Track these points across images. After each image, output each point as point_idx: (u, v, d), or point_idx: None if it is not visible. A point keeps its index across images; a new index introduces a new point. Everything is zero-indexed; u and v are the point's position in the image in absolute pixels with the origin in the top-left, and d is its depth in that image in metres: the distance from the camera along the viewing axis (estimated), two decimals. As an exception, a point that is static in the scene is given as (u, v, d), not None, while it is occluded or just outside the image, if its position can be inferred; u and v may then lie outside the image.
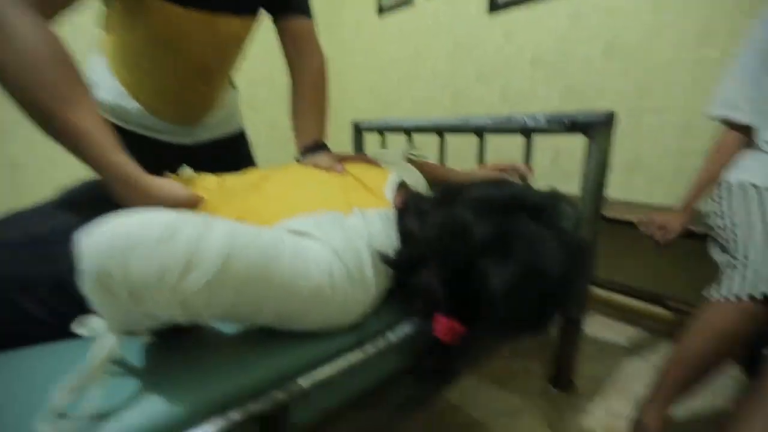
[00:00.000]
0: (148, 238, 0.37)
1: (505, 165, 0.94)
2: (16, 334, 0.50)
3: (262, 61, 2.05)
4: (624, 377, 1.19)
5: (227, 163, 0.88)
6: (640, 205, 1.41)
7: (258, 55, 2.03)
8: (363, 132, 1.63)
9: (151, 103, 0.86)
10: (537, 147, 1.15)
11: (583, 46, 1.52)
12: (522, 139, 1.05)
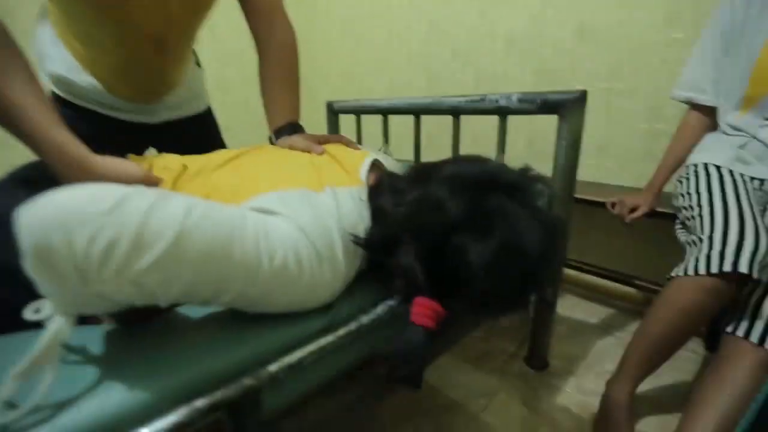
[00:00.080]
0: (95, 210, 0.34)
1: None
2: None
3: (232, 38, 1.97)
4: (596, 356, 1.22)
5: (194, 144, 0.83)
6: (611, 187, 1.43)
7: (227, 32, 1.97)
8: (338, 114, 1.60)
9: (105, 77, 0.81)
10: (513, 129, 1.15)
11: (555, 27, 1.52)
12: (498, 121, 1.04)
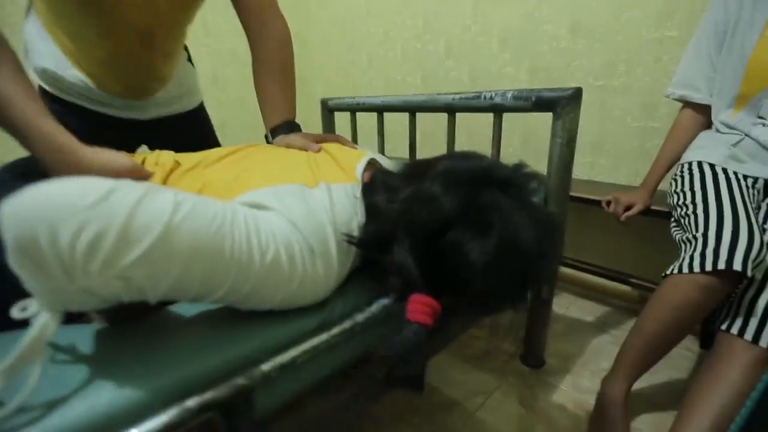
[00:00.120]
0: (80, 203, 0.34)
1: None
2: None
3: (228, 36, 1.96)
4: (591, 354, 1.22)
5: (187, 141, 0.82)
6: (606, 185, 1.44)
7: (222, 29, 1.95)
8: (333, 112, 1.59)
9: (93, 72, 0.80)
10: (509, 127, 1.14)
11: (549, 24, 1.51)
12: (493, 119, 1.03)
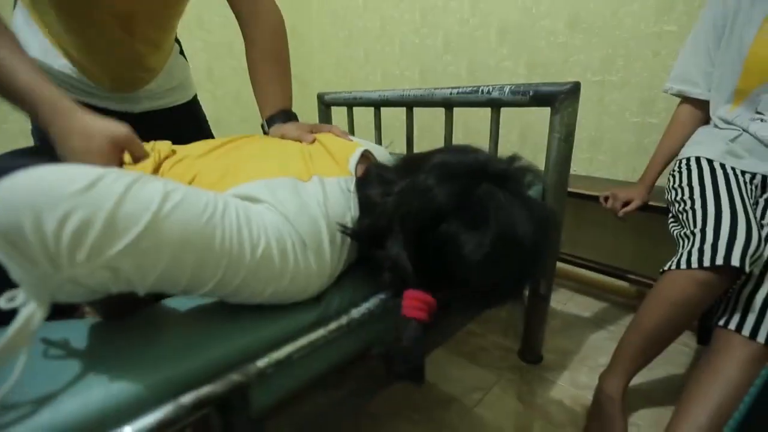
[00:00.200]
0: (67, 190, 0.33)
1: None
2: None
3: (222, 30, 1.94)
4: (589, 349, 1.22)
5: (180, 135, 0.81)
6: (603, 181, 1.43)
7: (217, 23, 1.94)
8: (330, 106, 1.58)
9: (80, 61, 0.79)
10: (507, 122, 1.14)
11: (547, 19, 1.51)
12: (491, 113, 1.02)
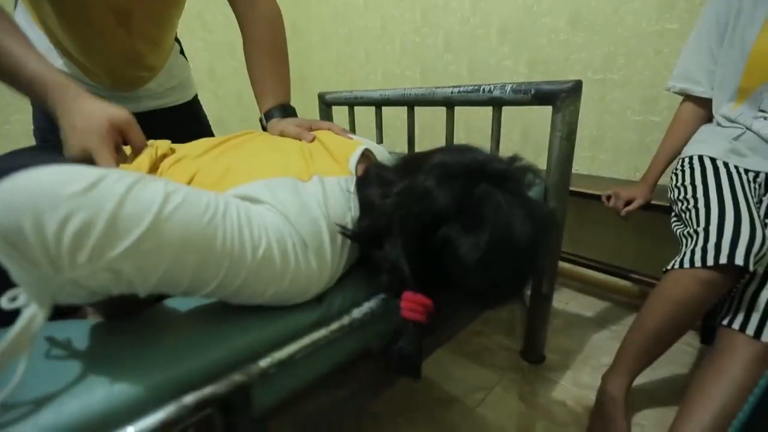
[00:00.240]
0: (68, 191, 0.33)
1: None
2: None
3: (224, 29, 1.94)
4: (592, 349, 1.22)
5: (181, 135, 0.81)
6: (605, 180, 1.43)
7: (220, 22, 1.94)
8: (331, 106, 1.58)
9: (80, 60, 0.79)
10: (508, 121, 1.13)
11: (548, 17, 1.50)
12: (491, 112, 1.02)
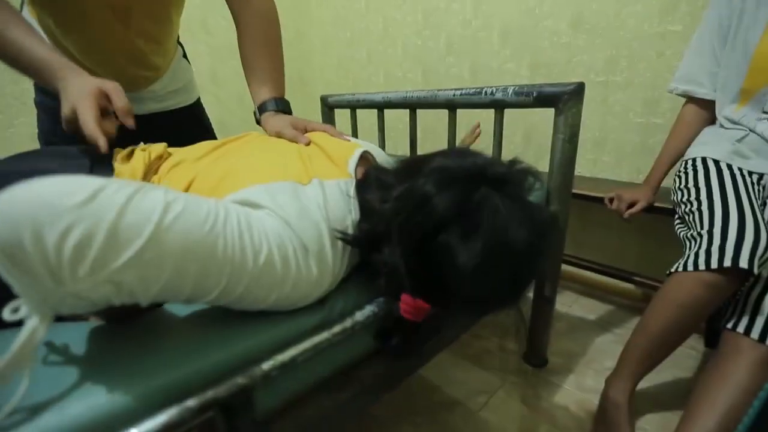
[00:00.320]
0: (67, 203, 0.33)
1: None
2: None
3: (227, 32, 1.95)
4: (595, 353, 1.22)
5: (183, 137, 0.82)
6: (608, 182, 1.43)
7: (222, 25, 1.96)
8: (333, 109, 1.58)
9: (82, 61, 0.80)
10: (511, 123, 1.14)
11: (550, 19, 1.50)
12: (493, 115, 1.02)
